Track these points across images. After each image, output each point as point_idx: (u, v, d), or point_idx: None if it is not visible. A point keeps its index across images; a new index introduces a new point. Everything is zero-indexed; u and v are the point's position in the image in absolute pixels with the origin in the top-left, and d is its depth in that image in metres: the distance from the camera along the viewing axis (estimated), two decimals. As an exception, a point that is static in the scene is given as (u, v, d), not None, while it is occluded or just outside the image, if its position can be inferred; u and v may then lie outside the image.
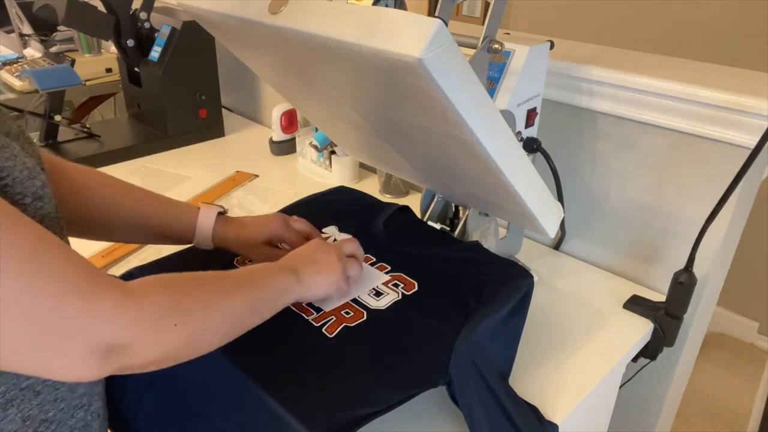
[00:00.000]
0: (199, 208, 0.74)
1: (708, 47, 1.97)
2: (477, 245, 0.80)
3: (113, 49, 1.79)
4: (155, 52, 1.42)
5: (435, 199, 0.94)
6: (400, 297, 0.70)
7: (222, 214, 0.75)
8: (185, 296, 0.51)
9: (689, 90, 0.83)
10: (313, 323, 0.65)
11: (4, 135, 0.51)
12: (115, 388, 0.66)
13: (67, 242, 0.59)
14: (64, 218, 0.67)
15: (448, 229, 0.93)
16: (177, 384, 0.66)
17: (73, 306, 0.43)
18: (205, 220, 0.73)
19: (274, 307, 0.60)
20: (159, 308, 0.48)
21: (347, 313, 0.67)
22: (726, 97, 0.80)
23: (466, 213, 0.88)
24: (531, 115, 0.85)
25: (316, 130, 1.24)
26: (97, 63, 1.96)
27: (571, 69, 0.93)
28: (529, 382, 0.76)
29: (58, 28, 2.02)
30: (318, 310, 0.67)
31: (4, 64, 1.95)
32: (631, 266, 1.01)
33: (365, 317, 0.66)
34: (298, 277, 0.63)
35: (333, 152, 1.29)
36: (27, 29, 2.01)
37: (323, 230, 0.84)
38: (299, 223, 0.78)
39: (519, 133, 0.85)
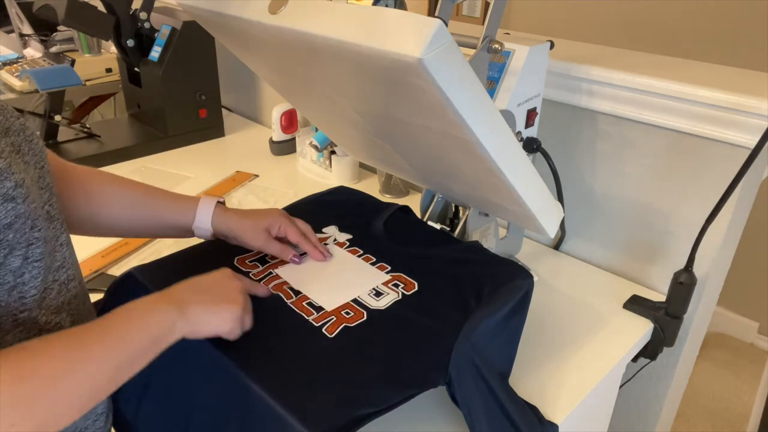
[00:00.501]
0: (199, 198, 0.76)
1: (708, 47, 1.97)
2: (477, 245, 0.80)
3: (113, 49, 1.79)
4: (155, 52, 1.42)
5: (435, 199, 0.94)
6: (400, 297, 0.70)
7: (221, 204, 0.77)
8: (29, 390, 0.44)
9: (689, 90, 0.83)
10: (313, 323, 0.65)
11: (3, 132, 0.51)
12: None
13: (69, 238, 0.59)
14: (73, 218, 0.68)
15: (448, 229, 0.93)
16: (176, 384, 0.66)
17: None
18: (205, 208, 0.75)
19: (151, 353, 0.54)
20: None
21: (347, 313, 0.67)
22: (726, 97, 0.80)
23: (466, 213, 0.88)
24: (531, 115, 0.85)
25: (316, 130, 1.24)
26: (97, 63, 1.96)
27: (571, 69, 0.93)
28: (529, 382, 0.76)
29: (58, 28, 2.02)
30: (318, 309, 0.67)
31: (4, 64, 1.95)
32: (631, 266, 1.01)
33: (365, 317, 0.66)
34: (185, 311, 0.56)
35: (333, 152, 1.29)
36: (27, 29, 2.01)
37: (323, 230, 0.84)
38: (299, 221, 0.79)
39: (519, 133, 0.85)
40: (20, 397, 0.43)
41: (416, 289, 0.71)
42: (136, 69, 1.49)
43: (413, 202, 0.99)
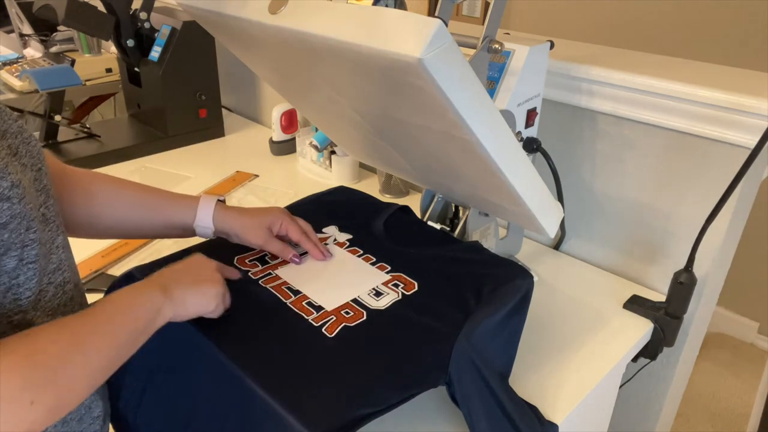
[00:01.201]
0: (199, 197, 0.76)
1: (708, 47, 1.97)
2: (477, 245, 0.80)
3: (113, 49, 1.79)
4: (155, 52, 1.42)
5: (435, 199, 0.94)
6: (400, 297, 0.70)
7: (221, 202, 0.77)
8: (41, 369, 0.46)
9: (689, 90, 0.83)
10: (313, 323, 0.65)
11: None
12: (113, 388, 0.66)
13: (66, 241, 0.59)
14: (72, 220, 0.68)
15: (448, 229, 0.93)
16: (176, 384, 0.66)
17: None
18: (205, 206, 0.75)
19: (143, 337, 0.56)
20: (10, 389, 0.44)
21: (347, 313, 0.67)
22: (726, 97, 0.80)
23: (466, 213, 0.88)
24: (531, 115, 0.85)
25: (316, 130, 1.24)
26: (97, 63, 1.96)
27: (571, 69, 0.93)
28: (529, 382, 0.76)
29: (58, 28, 2.02)
30: (318, 309, 0.67)
31: (4, 64, 1.95)
32: (631, 266, 1.01)
33: (365, 317, 0.66)
34: (169, 293, 0.58)
35: (333, 152, 1.29)
36: (27, 29, 2.01)
37: (323, 230, 0.84)
38: (300, 220, 0.79)
39: (519, 133, 0.85)
40: (33, 379, 0.45)
41: (416, 289, 0.71)
42: (136, 69, 1.49)
43: (413, 202, 0.99)
